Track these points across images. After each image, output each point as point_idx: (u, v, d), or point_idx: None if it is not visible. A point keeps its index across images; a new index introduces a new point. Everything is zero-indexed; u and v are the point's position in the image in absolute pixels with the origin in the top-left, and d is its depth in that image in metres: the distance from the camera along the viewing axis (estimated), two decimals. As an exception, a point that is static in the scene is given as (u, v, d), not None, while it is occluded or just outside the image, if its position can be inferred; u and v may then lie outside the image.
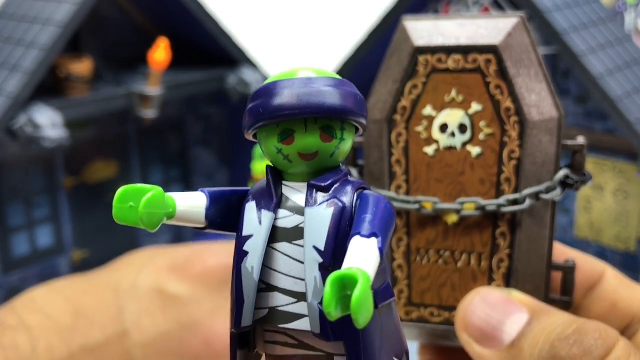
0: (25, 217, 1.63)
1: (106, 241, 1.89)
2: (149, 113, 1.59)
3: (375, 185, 0.53)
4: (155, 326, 0.59)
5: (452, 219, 0.52)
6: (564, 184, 0.51)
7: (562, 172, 0.51)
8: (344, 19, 2.20)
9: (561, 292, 0.54)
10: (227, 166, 1.94)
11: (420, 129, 0.52)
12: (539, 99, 0.50)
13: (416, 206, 0.51)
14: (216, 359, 0.62)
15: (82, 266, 1.81)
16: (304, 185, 0.40)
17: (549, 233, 0.52)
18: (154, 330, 0.59)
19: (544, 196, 0.50)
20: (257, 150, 1.67)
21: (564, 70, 1.57)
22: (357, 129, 0.41)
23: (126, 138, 1.76)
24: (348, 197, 0.39)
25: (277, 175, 0.41)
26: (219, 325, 0.54)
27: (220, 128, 1.89)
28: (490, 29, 0.50)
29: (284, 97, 0.38)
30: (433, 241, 0.53)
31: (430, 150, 0.52)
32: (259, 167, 1.67)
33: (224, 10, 1.79)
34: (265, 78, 1.75)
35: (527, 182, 0.50)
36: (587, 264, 0.57)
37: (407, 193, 0.52)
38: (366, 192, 0.40)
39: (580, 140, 0.51)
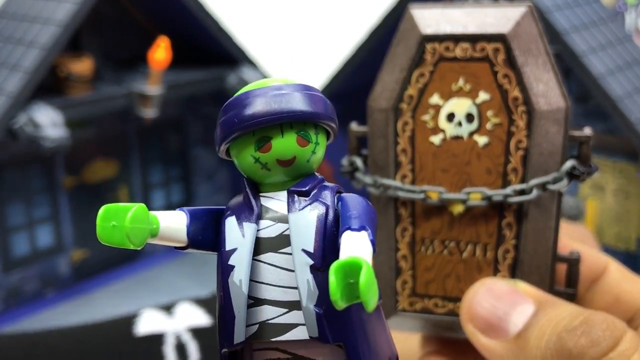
0: (25, 216, 1.63)
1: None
2: (149, 112, 1.59)
3: (380, 175, 0.52)
4: None
5: (458, 209, 0.52)
6: (571, 174, 0.51)
7: (569, 163, 0.50)
8: (345, 18, 2.20)
9: (565, 284, 0.54)
10: (227, 166, 1.94)
11: (426, 117, 0.51)
12: (546, 89, 0.50)
13: (421, 196, 0.51)
14: None
15: (82, 266, 1.80)
16: (282, 194, 0.40)
17: (555, 224, 0.52)
18: None
19: (551, 187, 0.50)
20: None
21: (565, 69, 1.57)
22: (328, 135, 0.41)
23: (126, 137, 1.76)
24: (329, 199, 0.39)
25: (254, 187, 0.41)
26: None
27: (221, 128, 1.89)
28: (499, 17, 0.50)
29: (258, 105, 0.38)
30: (438, 231, 0.52)
31: (436, 139, 0.51)
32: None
33: (224, 9, 1.79)
34: (266, 77, 1.75)
35: (534, 172, 0.50)
36: (590, 257, 0.57)
37: (413, 182, 0.52)
38: (345, 194, 0.40)
39: (587, 131, 0.51)
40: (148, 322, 1.02)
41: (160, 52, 1.52)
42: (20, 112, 1.40)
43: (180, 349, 1.00)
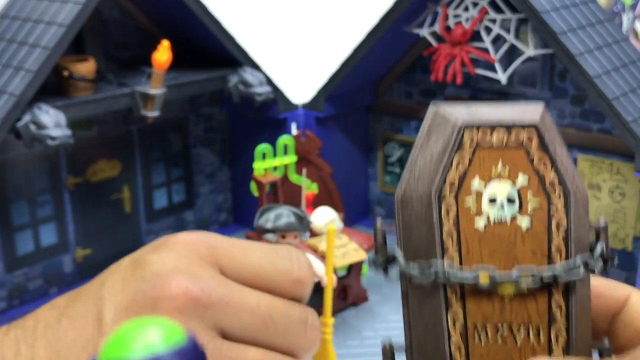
0: (29, 215, 1.63)
1: (109, 239, 1.90)
2: (151, 113, 1.59)
3: (420, 262, 0.52)
4: (124, 288, 0.61)
5: (508, 290, 0.53)
6: (604, 258, 0.53)
7: (600, 246, 0.52)
8: (344, 20, 2.20)
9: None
10: (228, 165, 1.95)
11: (469, 202, 0.53)
12: (573, 175, 0.52)
13: (474, 279, 0.52)
14: (171, 300, 0.63)
15: (86, 264, 1.81)
16: None
17: (589, 293, 0.54)
18: (124, 290, 0.62)
19: (592, 262, 0.52)
20: (258, 150, 1.68)
21: (561, 70, 1.58)
22: None
23: (129, 138, 1.76)
24: None
25: None
26: (179, 276, 0.56)
27: (222, 128, 1.90)
28: (524, 111, 0.52)
29: None
30: (490, 316, 0.53)
31: (480, 223, 0.52)
32: (260, 166, 1.68)
33: (226, 11, 1.79)
34: (267, 78, 1.75)
35: (577, 251, 0.52)
36: (610, 290, 0.56)
37: (460, 267, 0.53)
38: None
39: (602, 221, 0.53)
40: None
41: (162, 53, 1.52)
42: (24, 113, 1.40)
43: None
